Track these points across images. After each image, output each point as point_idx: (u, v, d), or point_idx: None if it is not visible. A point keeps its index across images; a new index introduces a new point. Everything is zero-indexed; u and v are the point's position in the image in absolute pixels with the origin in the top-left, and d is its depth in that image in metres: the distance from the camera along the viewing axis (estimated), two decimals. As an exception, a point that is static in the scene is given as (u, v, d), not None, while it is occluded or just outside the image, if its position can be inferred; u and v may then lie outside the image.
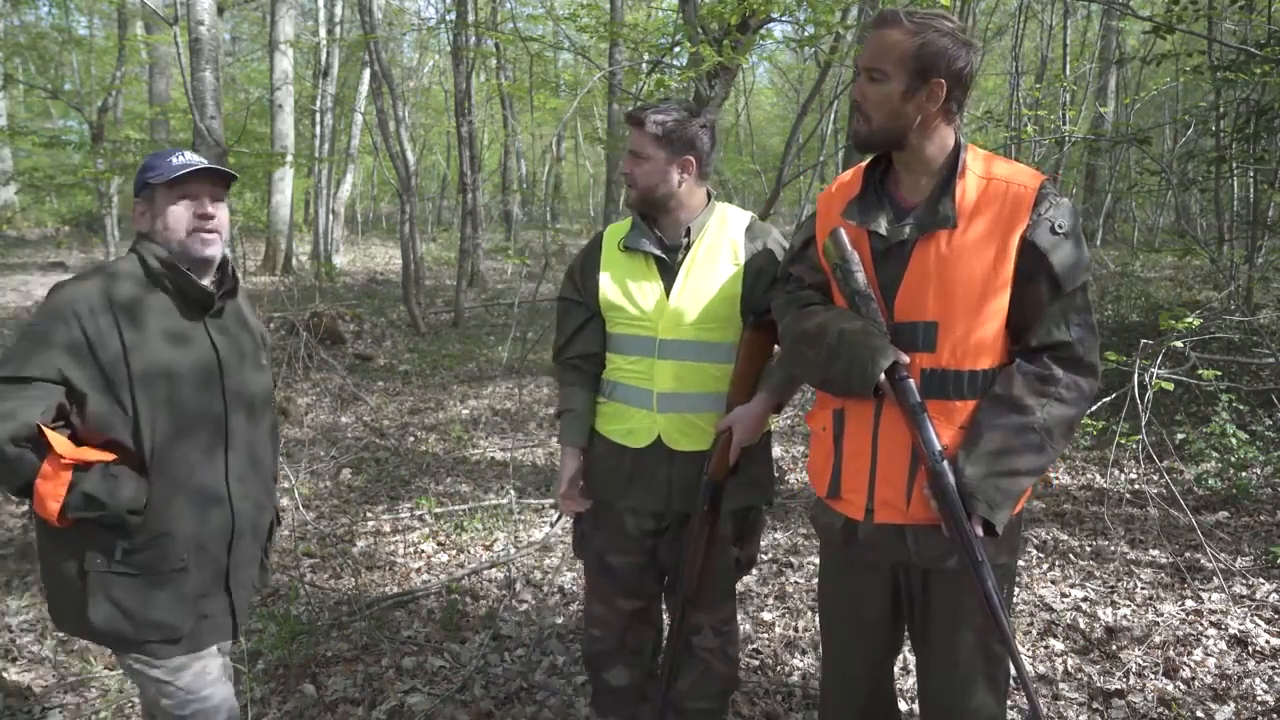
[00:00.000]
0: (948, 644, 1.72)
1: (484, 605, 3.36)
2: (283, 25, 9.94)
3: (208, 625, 1.85)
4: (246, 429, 1.90)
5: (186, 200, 1.79)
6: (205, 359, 1.81)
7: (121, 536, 1.72)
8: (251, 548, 1.93)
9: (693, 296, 2.07)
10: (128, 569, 1.73)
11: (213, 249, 1.82)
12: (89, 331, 1.67)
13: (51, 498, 1.64)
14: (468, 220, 11.00)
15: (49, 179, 13.78)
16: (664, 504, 2.12)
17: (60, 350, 1.66)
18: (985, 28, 13.42)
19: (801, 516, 4.22)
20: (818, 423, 1.80)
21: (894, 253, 1.65)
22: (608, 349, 2.19)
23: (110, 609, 1.73)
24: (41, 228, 18.25)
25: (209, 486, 1.81)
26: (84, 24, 19.99)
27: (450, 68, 12.73)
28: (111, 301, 1.71)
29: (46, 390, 1.65)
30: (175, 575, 1.77)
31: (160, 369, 1.73)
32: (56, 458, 1.63)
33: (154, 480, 1.74)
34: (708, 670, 2.25)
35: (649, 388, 2.08)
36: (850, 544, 1.75)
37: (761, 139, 24.19)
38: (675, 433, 2.08)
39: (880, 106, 1.59)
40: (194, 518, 1.79)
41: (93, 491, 1.64)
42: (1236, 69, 5.45)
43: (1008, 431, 1.58)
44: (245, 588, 1.93)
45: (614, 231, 2.21)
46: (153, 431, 1.73)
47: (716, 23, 5.49)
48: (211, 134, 3.88)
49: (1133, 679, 2.76)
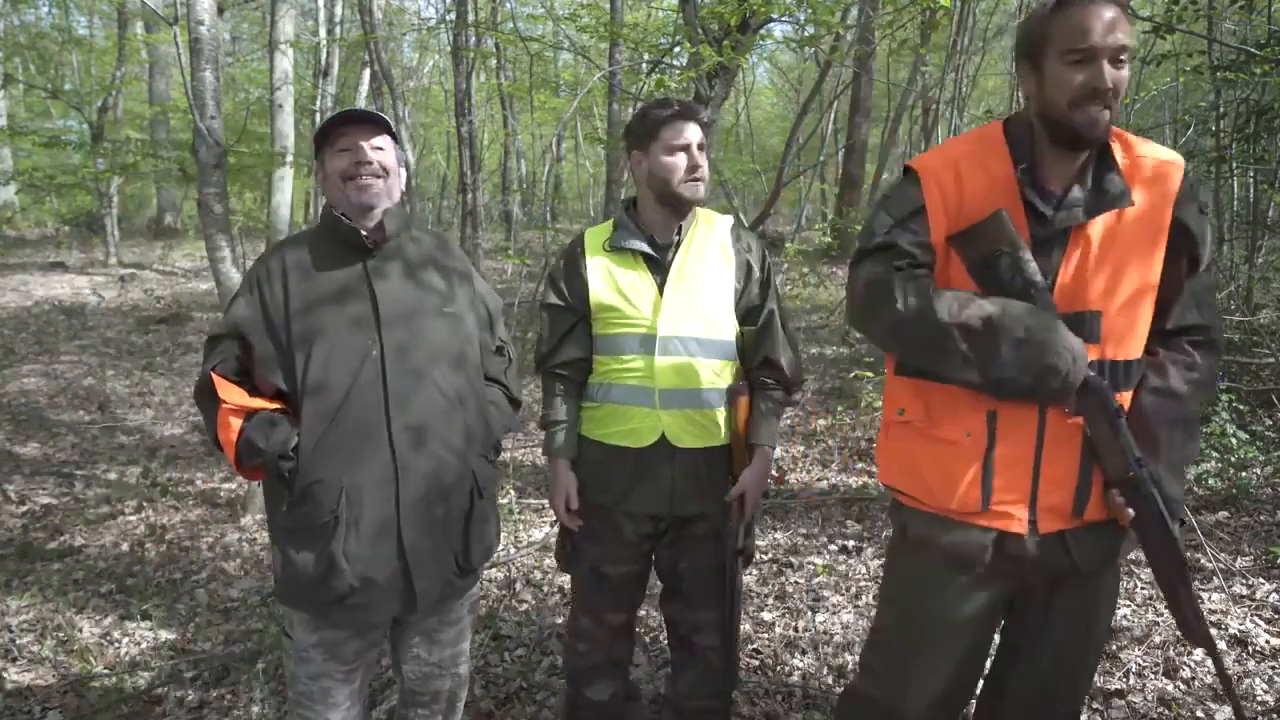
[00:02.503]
0: (1068, 649, 1.64)
1: (484, 605, 3.36)
2: (283, 25, 9.92)
3: (374, 594, 1.75)
4: (415, 378, 1.79)
5: (343, 152, 1.81)
6: (358, 303, 1.79)
7: (287, 487, 1.73)
8: (435, 522, 1.80)
9: (688, 293, 2.07)
10: (293, 523, 1.74)
11: (371, 195, 1.81)
12: (263, 291, 1.79)
13: (228, 446, 1.70)
14: (468, 220, 10.98)
15: (49, 179, 13.76)
16: (666, 505, 2.11)
17: (241, 309, 1.79)
18: (985, 28, 13.42)
19: (802, 516, 4.22)
20: (956, 430, 1.57)
21: (1053, 240, 1.52)
22: (598, 352, 2.15)
23: (283, 564, 1.75)
24: (41, 228, 18.23)
25: (365, 436, 1.74)
26: (84, 24, 19.99)
27: (450, 68, 12.73)
28: (285, 261, 1.82)
29: (227, 346, 1.79)
30: (326, 527, 1.72)
31: (311, 312, 1.76)
32: (223, 406, 1.71)
33: (305, 423, 1.73)
34: (709, 668, 2.25)
35: (650, 385, 2.07)
36: (999, 561, 1.57)
37: (761, 139, 24.16)
38: (678, 429, 2.08)
39: (1121, 90, 1.46)
40: (346, 467, 1.72)
41: (250, 436, 1.68)
42: (1236, 69, 5.44)
43: (1178, 427, 1.54)
44: (432, 567, 1.80)
45: (595, 233, 2.19)
46: (304, 374, 1.73)
47: (717, 23, 5.49)
48: (211, 134, 3.87)
49: (1133, 679, 2.76)
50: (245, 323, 1.77)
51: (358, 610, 1.77)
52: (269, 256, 1.85)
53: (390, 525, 1.75)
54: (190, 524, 4.26)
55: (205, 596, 3.49)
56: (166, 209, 18.95)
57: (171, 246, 15.52)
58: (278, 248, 1.87)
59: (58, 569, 3.76)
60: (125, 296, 11.14)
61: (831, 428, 5.74)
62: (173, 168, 11.31)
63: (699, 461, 2.11)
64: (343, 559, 1.71)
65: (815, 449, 5.36)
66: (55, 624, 3.25)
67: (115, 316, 10.04)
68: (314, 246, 1.84)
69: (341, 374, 1.74)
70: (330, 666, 1.84)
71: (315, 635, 1.83)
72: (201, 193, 3.90)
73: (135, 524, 4.30)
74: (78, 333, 9.20)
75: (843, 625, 3.15)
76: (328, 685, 1.85)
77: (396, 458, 1.74)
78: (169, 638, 3.15)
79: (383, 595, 1.77)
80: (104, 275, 12.47)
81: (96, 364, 7.84)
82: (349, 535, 1.72)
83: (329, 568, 1.72)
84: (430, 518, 1.79)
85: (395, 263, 1.86)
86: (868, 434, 5.58)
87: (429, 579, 1.81)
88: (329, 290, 1.79)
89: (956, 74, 9.06)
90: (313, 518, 1.72)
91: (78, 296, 10.99)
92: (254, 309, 1.78)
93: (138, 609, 3.36)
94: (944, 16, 5.75)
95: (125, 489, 4.74)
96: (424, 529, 1.78)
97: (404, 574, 1.77)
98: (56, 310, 10.21)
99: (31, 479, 4.98)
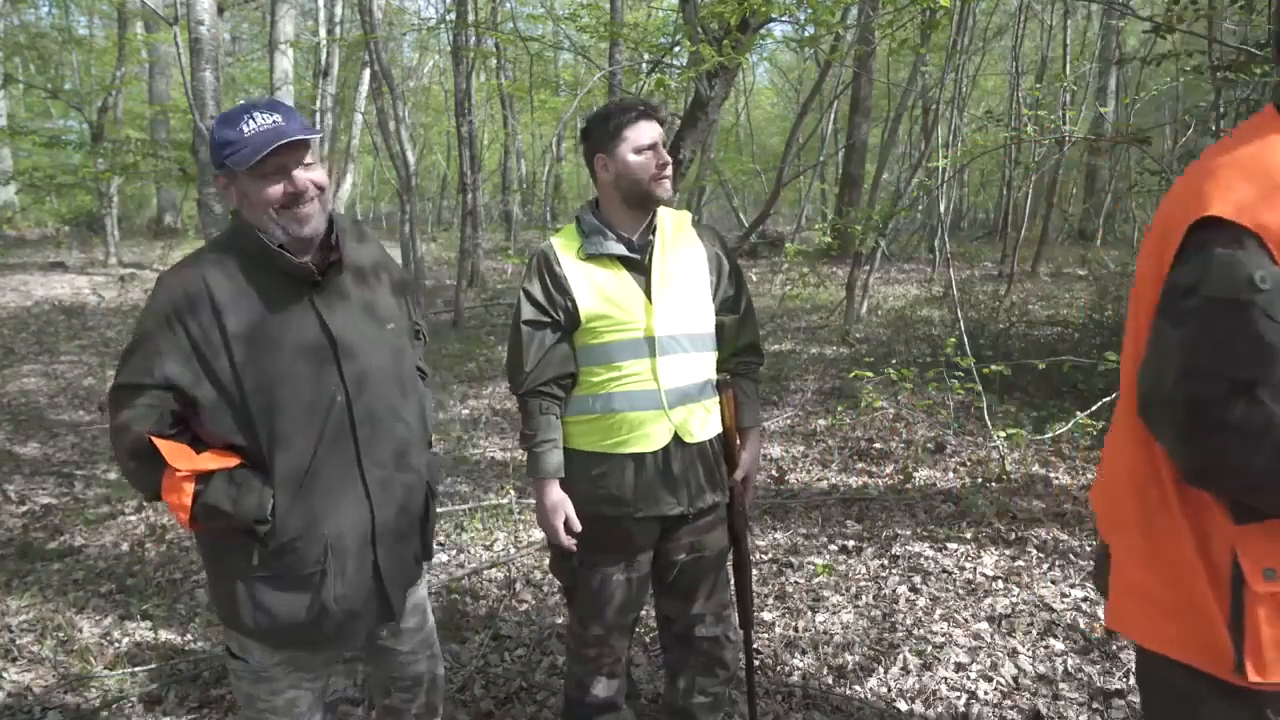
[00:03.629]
0: None
1: (484, 605, 3.36)
2: (283, 25, 9.93)
3: (357, 622, 1.73)
4: (385, 409, 1.72)
5: (273, 177, 1.60)
6: (314, 340, 1.64)
7: (256, 541, 1.61)
8: (402, 537, 1.78)
9: (674, 289, 2.08)
10: (267, 573, 1.64)
11: (311, 225, 1.63)
12: (190, 329, 1.57)
13: (178, 509, 1.55)
14: (468, 220, 10.99)
15: (49, 179, 13.79)
16: (687, 502, 2.10)
17: (164, 354, 1.56)
18: (985, 28, 13.44)
19: (802, 516, 4.22)
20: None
21: None
22: (592, 362, 2.08)
23: (254, 609, 1.65)
24: (41, 228, 18.25)
25: (339, 481, 1.66)
26: (84, 24, 20.00)
27: (450, 68, 12.73)
28: (211, 292, 1.59)
29: (156, 398, 1.56)
30: (312, 579, 1.65)
31: (265, 358, 1.59)
32: (172, 472, 1.54)
33: (278, 481, 1.61)
34: (709, 659, 2.26)
35: (655, 387, 2.05)
36: None
37: (761, 139, 24.20)
38: (688, 425, 2.09)
39: None
40: (326, 521, 1.65)
41: (214, 502, 1.55)
42: (1236, 69, 5.44)
43: None
44: (401, 577, 1.79)
45: (564, 243, 2.11)
46: (269, 427, 1.59)
47: (717, 22, 5.49)
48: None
49: (1132, 679, 2.76)
50: (179, 375, 1.56)
51: (343, 639, 1.75)
52: (179, 282, 1.60)
53: (367, 558, 1.72)
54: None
55: (205, 596, 3.49)
56: (166, 209, 18.97)
57: (171, 246, 15.52)
58: (190, 269, 1.62)
59: (58, 569, 3.77)
60: (125, 296, 11.14)
61: (831, 428, 5.74)
62: (173, 168, 11.31)
63: (707, 453, 2.14)
64: (333, 603, 1.68)
65: (815, 449, 5.35)
66: (55, 624, 3.25)
67: (115, 316, 10.04)
68: (245, 274, 1.62)
69: (310, 424, 1.63)
70: (296, 678, 1.78)
71: (279, 654, 1.74)
72: (201, 193, 3.91)
73: (135, 524, 4.30)
74: (78, 333, 9.20)
75: (843, 625, 3.15)
76: (293, 696, 1.79)
77: (370, 497, 1.70)
78: (169, 638, 3.15)
79: (363, 620, 1.75)
80: (104, 275, 12.47)
81: (96, 364, 7.84)
82: (336, 582, 1.68)
83: (320, 613, 1.67)
84: (399, 537, 1.78)
85: (342, 281, 1.72)
86: (867, 434, 5.58)
87: (400, 588, 1.81)
88: (280, 335, 1.61)
89: (956, 74, 9.07)
90: (295, 569, 1.64)
91: (78, 296, 10.99)
92: (183, 354, 1.56)
93: (138, 609, 3.36)
94: (944, 16, 5.74)
95: (125, 489, 4.74)
96: (394, 549, 1.77)
97: (379, 593, 1.76)
98: (56, 310, 10.21)
99: (31, 479, 4.98)
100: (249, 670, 1.75)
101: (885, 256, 11.83)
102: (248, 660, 1.74)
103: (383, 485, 1.72)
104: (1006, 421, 5.43)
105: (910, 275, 13.52)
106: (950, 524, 4.05)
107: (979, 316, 8.23)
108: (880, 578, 3.52)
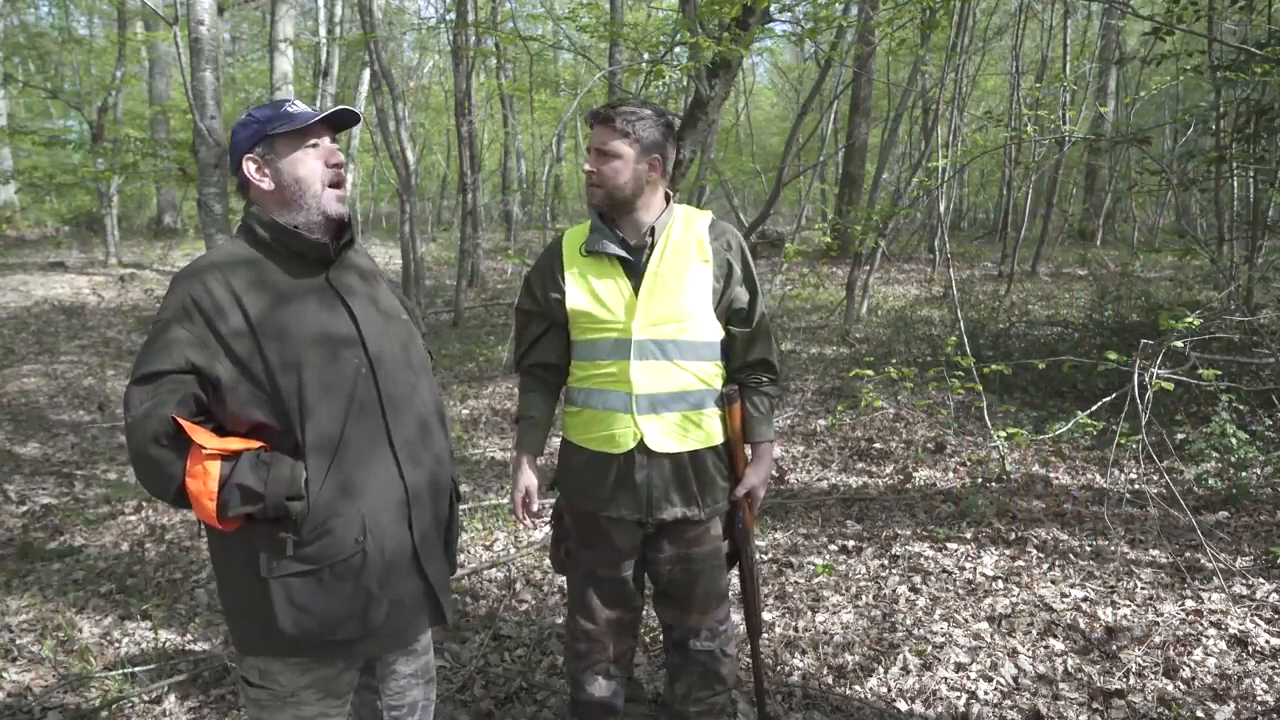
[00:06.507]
0: None
1: (484, 605, 3.36)
2: (283, 25, 9.92)
3: (404, 616, 1.69)
4: (404, 388, 1.70)
5: (316, 149, 1.61)
6: (335, 315, 1.65)
7: (287, 529, 1.56)
8: (435, 522, 1.75)
9: (664, 294, 2.03)
10: (301, 565, 1.58)
11: (344, 206, 1.68)
12: (209, 318, 1.55)
13: (205, 496, 1.50)
14: (468, 220, 10.99)
15: (49, 179, 13.78)
16: (644, 509, 2.09)
17: (182, 341, 1.54)
18: (985, 28, 13.43)
19: (802, 516, 4.22)
20: None
21: None
22: (577, 357, 2.13)
23: (295, 612, 1.58)
24: (41, 228, 18.23)
25: (370, 451, 1.63)
26: (84, 23, 20.00)
27: (450, 68, 12.73)
28: (228, 281, 1.59)
29: (178, 382, 1.53)
30: (352, 562, 1.61)
31: (288, 335, 1.58)
32: (199, 451, 1.50)
33: (310, 459, 1.57)
34: (705, 672, 2.25)
35: (627, 390, 2.04)
36: None
37: (761, 139, 24.16)
38: (657, 434, 2.05)
39: None
40: (361, 494, 1.62)
41: (244, 482, 1.50)
42: (1236, 69, 5.45)
43: None
44: (439, 564, 1.76)
45: (573, 237, 2.15)
46: (298, 405, 1.57)
47: (716, 20, 5.49)
48: (212, 134, 3.87)
49: (1133, 679, 2.76)
50: (198, 357, 1.54)
51: (394, 637, 1.70)
52: (198, 282, 1.60)
53: (406, 543, 1.68)
54: (190, 524, 4.25)
55: (205, 596, 3.49)
56: (166, 209, 18.96)
57: (171, 246, 15.52)
58: (208, 272, 1.61)
59: (58, 569, 3.76)
60: (125, 296, 11.14)
61: (831, 428, 5.74)
62: (172, 168, 11.30)
63: (681, 465, 2.08)
64: (376, 587, 1.63)
65: (815, 449, 5.35)
66: (55, 624, 3.25)
67: (115, 316, 10.04)
68: (262, 265, 1.64)
69: (338, 398, 1.61)
70: (326, 705, 1.71)
71: (308, 676, 1.68)
72: (201, 193, 3.91)
73: (135, 524, 4.29)
74: (78, 333, 9.20)
75: (843, 625, 3.15)
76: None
77: (400, 467, 1.67)
78: (169, 638, 3.15)
79: (412, 615, 1.71)
80: (104, 275, 12.46)
81: (96, 364, 7.84)
82: (379, 563, 1.64)
83: (366, 600, 1.63)
84: (434, 526, 1.75)
85: (350, 270, 1.73)
86: (867, 434, 5.58)
87: (444, 588, 1.75)
88: (300, 310, 1.62)
89: (956, 74, 9.06)
90: (332, 555, 1.59)
91: (78, 296, 10.99)
92: (205, 341, 1.55)
93: (138, 609, 3.36)
94: (944, 16, 5.75)
95: (125, 489, 4.74)
96: (430, 540, 1.74)
97: (426, 590, 1.72)
98: (56, 310, 10.21)
99: (31, 479, 4.98)
100: (273, 698, 1.67)
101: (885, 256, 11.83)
102: (272, 688, 1.67)
103: (412, 456, 1.70)
104: (1006, 421, 5.43)
105: (910, 275, 13.51)
106: (950, 524, 4.05)
107: (979, 316, 8.23)
108: (880, 578, 3.52)
